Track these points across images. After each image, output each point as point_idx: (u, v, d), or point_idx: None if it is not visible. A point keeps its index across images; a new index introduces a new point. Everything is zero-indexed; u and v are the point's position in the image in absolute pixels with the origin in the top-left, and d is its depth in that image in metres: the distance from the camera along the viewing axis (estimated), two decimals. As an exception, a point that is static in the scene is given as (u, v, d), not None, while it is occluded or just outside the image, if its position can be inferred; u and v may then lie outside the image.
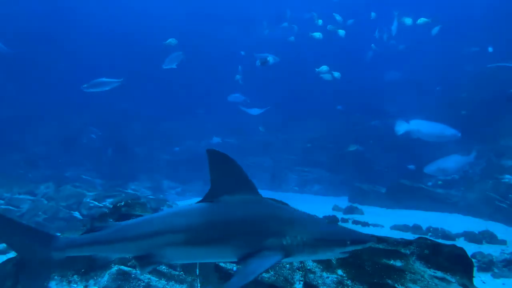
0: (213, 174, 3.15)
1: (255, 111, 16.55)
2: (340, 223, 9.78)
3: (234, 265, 4.31)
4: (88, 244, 3.18)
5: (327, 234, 2.94)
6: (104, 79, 11.45)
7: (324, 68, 14.12)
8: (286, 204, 8.19)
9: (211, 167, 3.15)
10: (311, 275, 4.16)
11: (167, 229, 3.01)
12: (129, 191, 12.33)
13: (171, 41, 12.83)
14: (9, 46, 17.51)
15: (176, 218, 3.11)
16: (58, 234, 3.33)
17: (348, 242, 2.93)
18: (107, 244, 3.16)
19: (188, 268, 4.74)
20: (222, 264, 4.32)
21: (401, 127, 11.80)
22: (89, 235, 3.20)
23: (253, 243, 2.86)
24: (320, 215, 9.19)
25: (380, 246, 4.70)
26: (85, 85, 11.35)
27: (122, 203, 5.52)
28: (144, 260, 3.03)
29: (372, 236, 3.15)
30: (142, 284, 4.47)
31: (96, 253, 3.25)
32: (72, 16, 21.77)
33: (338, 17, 16.95)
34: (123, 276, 4.52)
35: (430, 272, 4.31)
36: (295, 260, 2.90)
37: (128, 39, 21.56)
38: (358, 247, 3.02)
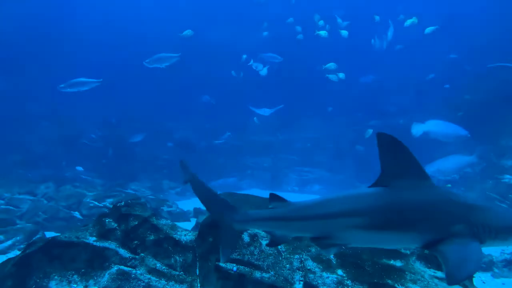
0: (384, 159, 3.08)
1: (265, 111, 16.39)
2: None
3: (234, 264, 4.31)
4: (266, 219, 3.27)
5: None
6: (82, 79, 11.31)
7: (331, 65, 14.09)
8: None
9: (381, 152, 3.09)
10: (311, 275, 4.16)
11: (349, 212, 2.97)
12: (129, 191, 12.33)
13: (187, 32, 12.73)
14: (9, 46, 17.51)
15: (357, 201, 3.06)
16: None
17: None
18: (285, 221, 3.20)
19: (188, 268, 4.74)
20: (222, 264, 4.32)
21: (419, 128, 11.84)
22: (267, 211, 3.25)
23: (440, 229, 2.80)
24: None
25: (380, 246, 4.70)
26: (62, 85, 11.19)
27: (122, 203, 5.51)
28: (322, 242, 3.02)
29: None
30: (142, 284, 4.47)
31: (273, 229, 3.31)
32: (72, 16, 21.77)
33: (339, 19, 16.97)
34: (123, 276, 4.52)
35: (430, 272, 4.31)
36: (485, 247, 2.86)
37: (129, 38, 21.58)
38: None
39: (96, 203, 10.50)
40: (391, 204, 2.95)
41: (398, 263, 4.38)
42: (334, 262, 4.37)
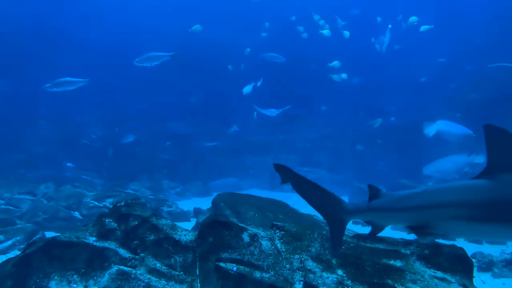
0: (491, 150, 2.97)
1: (272, 112, 16.34)
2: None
3: (234, 264, 4.31)
4: (368, 210, 3.40)
5: None
6: (68, 79, 11.31)
7: (336, 63, 14.16)
8: (286, 204, 8.18)
9: (488, 143, 2.97)
10: (311, 275, 4.16)
11: (450, 202, 2.94)
12: (129, 191, 12.33)
13: (197, 27, 12.74)
14: (9, 45, 17.52)
15: (461, 192, 3.00)
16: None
17: None
18: (386, 212, 3.32)
19: (188, 268, 4.74)
20: (222, 264, 4.32)
21: (432, 128, 11.93)
22: (374, 202, 3.37)
23: None
24: (320, 216, 9.18)
25: (380, 246, 4.70)
26: (48, 85, 11.18)
27: (122, 203, 5.51)
28: (420, 231, 3.05)
29: None
30: (142, 284, 4.47)
31: (374, 219, 3.49)
32: (72, 15, 21.76)
33: (338, 19, 17.02)
34: (123, 276, 4.52)
35: (430, 272, 4.31)
36: None
37: (128, 37, 21.55)
38: None
39: (96, 203, 10.50)
40: (500, 196, 2.83)
41: (398, 263, 4.38)
42: (334, 262, 4.37)
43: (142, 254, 4.83)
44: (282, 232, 4.91)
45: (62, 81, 11.24)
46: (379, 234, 4.22)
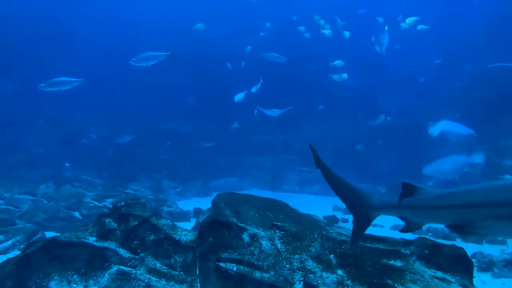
0: None
1: (274, 112, 16.25)
2: (340, 223, 9.78)
3: (234, 264, 4.31)
4: (399, 207, 3.41)
5: None
6: (63, 78, 11.26)
7: (339, 62, 14.14)
8: (286, 204, 8.17)
9: None
10: (311, 275, 4.16)
11: (495, 201, 2.87)
12: (129, 191, 12.31)
13: (199, 26, 12.70)
14: (9, 45, 17.51)
15: (503, 191, 2.92)
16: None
17: None
18: (423, 210, 3.27)
19: (188, 268, 4.74)
20: (222, 264, 4.32)
21: (436, 128, 11.96)
22: (402, 200, 3.38)
23: None
24: (320, 215, 9.20)
25: (380, 246, 4.70)
26: (42, 84, 11.14)
27: (122, 203, 5.52)
28: (460, 229, 3.00)
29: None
30: (142, 284, 4.47)
31: (407, 216, 3.45)
32: (72, 15, 21.75)
33: (338, 20, 17.02)
34: (123, 276, 4.52)
35: (430, 272, 4.31)
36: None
37: (128, 37, 21.55)
38: None
39: (96, 203, 10.49)
40: None
41: (398, 263, 4.38)
42: (334, 262, 4.37)
43: (142, 254, 4.83)
44: (282, 232, 4.91)
45: (57, 81, 11.20)
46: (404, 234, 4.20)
